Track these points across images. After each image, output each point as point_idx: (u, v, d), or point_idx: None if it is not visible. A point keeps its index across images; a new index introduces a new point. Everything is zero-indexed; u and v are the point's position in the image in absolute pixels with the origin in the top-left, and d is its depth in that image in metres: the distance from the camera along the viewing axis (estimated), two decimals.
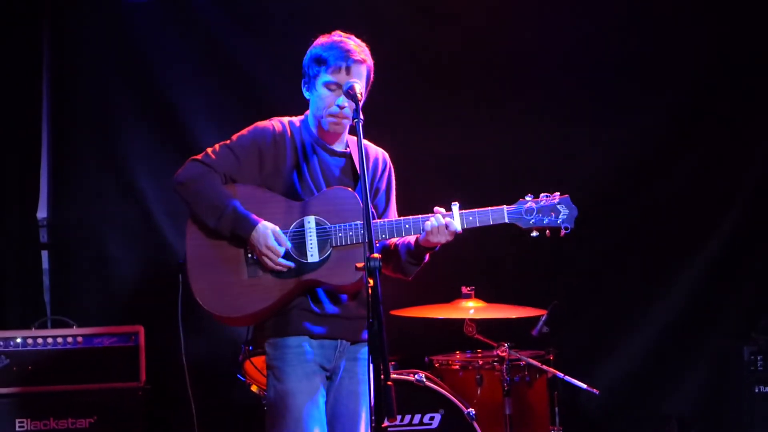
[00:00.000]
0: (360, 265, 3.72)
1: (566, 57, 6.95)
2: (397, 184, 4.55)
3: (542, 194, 4.29)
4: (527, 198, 4.28)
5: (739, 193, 6.98)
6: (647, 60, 6.95)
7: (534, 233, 4.27)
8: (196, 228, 4.29)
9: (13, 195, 6.76)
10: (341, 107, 4.25)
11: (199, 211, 4.25)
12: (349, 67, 4.24)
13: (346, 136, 4.43)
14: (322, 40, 4.34)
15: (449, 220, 4.19)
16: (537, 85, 6.94)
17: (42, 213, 6.85)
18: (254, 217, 4.19)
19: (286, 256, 4.20)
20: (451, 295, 6.00)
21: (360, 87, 4.18)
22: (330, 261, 4.20)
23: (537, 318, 5.92)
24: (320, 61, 4.28)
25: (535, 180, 6.61)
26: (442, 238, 4.21)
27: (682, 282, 6.99)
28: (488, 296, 6.00)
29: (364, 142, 4.37)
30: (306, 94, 4.38)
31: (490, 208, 4.24)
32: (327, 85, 4.27)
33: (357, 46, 4.29)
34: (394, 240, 4.40)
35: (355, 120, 4.02)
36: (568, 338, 6.49)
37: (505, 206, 4.26)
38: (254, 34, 6.91)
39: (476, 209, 4.23)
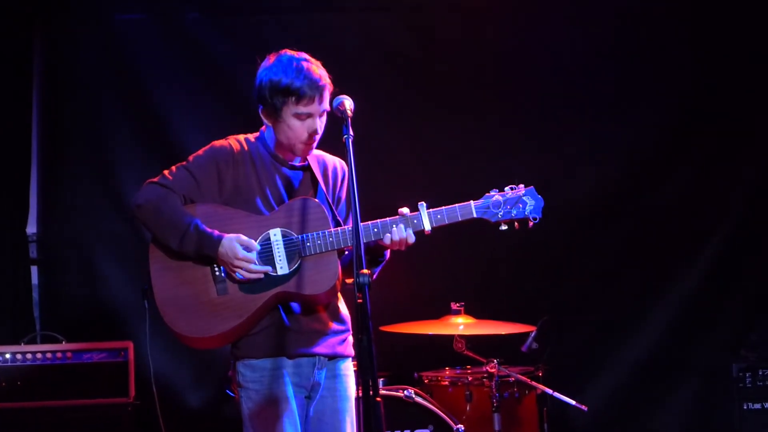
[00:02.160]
0: (350, 281, 3.70)
1: (560, 67, 6.97)
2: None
3: (507, 187, 4.27)
4: (492, 192, 4.25)
5: (729, 209, 6.99)
6: (641, 70, 6.97)
7: (503, 227, 4.22)
8: (159, 251, 4.19)
9: (2, 210, 6.76)
10: (316, 131, 4.18)
11: (160, 234, 4.15)
12: (321, 95, 4.15)
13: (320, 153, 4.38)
14: (279, 64, 4.22)
15: (410, 231, 4.12)
16: (530, 95, 6.95)
17: (31, 228, 6.85)
18: (216, 232, 4.09)
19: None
20: (440, 311, 6.01)
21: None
22: (300, 272, 4.11)
23: (526, 334, 5.93)
24: (287, 92, 4.13)
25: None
26: (402, 246, 4.15)
27: (670, 299, 6.99)
28: (478, 312, 6.01)
29: (321, 153, 4.36)
30: (265, 120, 4.25)
31: (457, 204, 4.19)
32: (298, 116, 4.16)
33: (318, 69, 4.19)
34: None
35: (345, 136, 3.95)
36: (557, 354, 6.49)
37: (471, 201, 4.20)
38: (246, 49, 6.90)
39: (443, 207, 4.18)
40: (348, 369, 4.31)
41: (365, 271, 3.62)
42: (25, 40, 6.83)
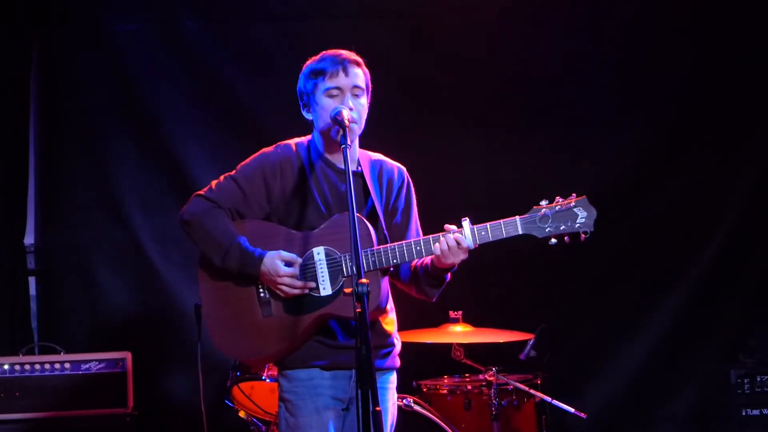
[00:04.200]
0: (348, 290, 3.67)
1: (557, 77, 6.98)
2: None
3: (557, 198, 4.11)
4: (542, 204, 4.09)
5: (726, 216, 6.99)
6: (637, 76, 6.97)
7: (552, 241, 4.06)
8: (207, 269, 4.18)
9: (0, 221, 6.76)
10: (350, 108, 4.12)
11: (204, 250, 4.15)
12: (345, 68, 4.15)
13: (358, 152, 4.27)
14: (311, 60, 4.26)
15: (459, 236, 4.00)
16: (527, 105, 6.95)
17: (29, 239, 6.85)
18: (259, 251, 4.06)
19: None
20: (438, 320, 6.00)
21: (363, 108, 4.13)
22: (343, 293, 4.03)
23: (524, 342, 5.92)
24: (315, 73, 4.17)
25: (522, 205, 6.70)
26: (457, 258, 4.03)
27: (669, 305, 6.99)
28: (476, 320, 6.00)
29: (379, 157, 4.33)
30: (308, 116, 4.24)
31: (502, 220, 4.04)
32: (328, 92, 4.14)
33: (346, 52, 4.20)
34: (415, 261, 4.24)
35: (343, 146, 3.92)
36: (555, 362, 6.49)
37: (517, 217, 4.06)
38: (245, 61, 6.93)
39: (488, 222, 4.04)
40: (387, 382, 4.26)
41: (364, 280, 3.61)
42: (23, 51, 6.83)
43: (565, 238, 4.07)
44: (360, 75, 4.20)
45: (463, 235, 4.02)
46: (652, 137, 7.01)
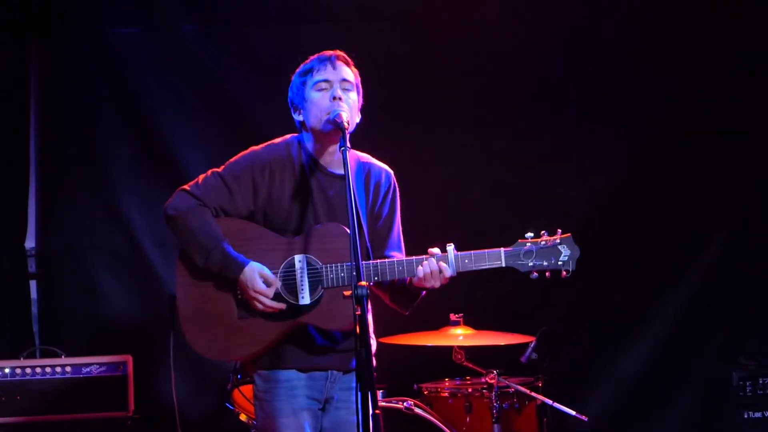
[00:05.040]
0: (348, 293, 3.67)
1: (553, 81, 6.98)
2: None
3: (543, 233, 4.10)
4: (526, 237, 4.09)
5: (726, 217, 6.99)
6: (637, 80, 6.98)
7: (534, 275, 4.09)
8: (186, 264, 4.16)
9: (0, 224, 6.76)
10: (338, 98, 4.10)
11: (186, 248, 4.14)
12: (333, 62, 4.16)
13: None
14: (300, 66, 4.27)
15: (443, 264, 4.03)
16: (524, 110, 6.96)
17: (30, 242, 6.86)
18: (242, 258, 4.06)
19: (277, 297, 4.06)
20: (439, 323, 6.00)
21: (353, 103, 4.13)
22: (322, 303, 4.04)
23: (525, 345, 5.93)
24: (304, 73, 4.19)
25: (521, 207, 6.72)
26: (436, 283, 4.06)
27: (669, 307, 6.99)
28: (477, 323, 6.00)
29: (368, 158, 4.31)
30: (298, 118, 4.23)
31: (486, 250, 4.05)
32: (316, 85, 4.15)
33: (338, 52, 4.21)
34: None
35: (342, 148, 3.89)
36: (556, 365, 6.49)
37: (502, 249, 4.06)
38: (244, 64, 6.94)
39: (472, 251, 4.05)
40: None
41: (363, 283, 3.61)
42: (22, 55, 6.84)
43: (547, 273, 4.09)
44: (348, 71, 4.20)
45: (446, 261, 4.04)
46: (653, 137, 7.01)
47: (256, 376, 4.22)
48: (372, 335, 4.32)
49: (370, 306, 4.29)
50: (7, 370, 6.00)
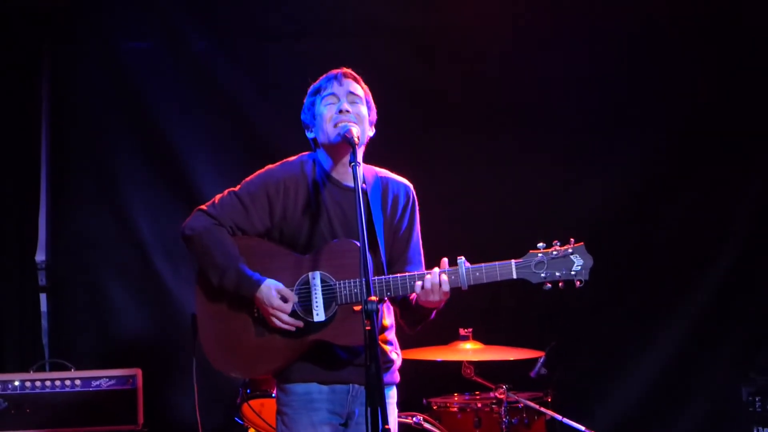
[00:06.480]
0: (358, 308, 3.67)
1: (563, 96, 6.99)
2: None
3: (555, 243, 4.06)
4: (538, 247, 4.05)
5: (736, 230, 6.97)
6: (645, 94, 6.98)
7: (547, 286, 4.05)
8: (204, 283, 4.20)
9: (11, 238, 6.79)
10: (345, 110, 4.16)
11: (203, 268, 4.18)
12: (339, 78, 4.23)
13: (362, 168, 4.20)
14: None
15: (444, 278, 4.01)
16: (534, 123, 6.97)
17: (40, 256, 6.88)
18: (257, 276, 4.09)
19: (293, 314, 4.08)
20: (448, 337, 6.00)
21: (362, 116, 4.17)
22: (336, 320, 4.06)
23: (535, 360, 5.91)
24: (314, 92, 4.28)
25: (532, 218, 6.71)
26: (436, 297, 4.04)
27: (679, 322, 6.96)
28: (486, 338, 6.00)
29: (386, 173, 4.33)
30: (311, 135, 4.28)
31: (497, 262, 4.02)
32: (324, 100, 4.22)
33: (346, 69, 4.28)
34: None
35: (352, 164, 3.92)
36: (566, 380, 6.47)
37: (513, 261, 4.03)
38: (255, 79, 6.96)
39: (483, 264, 4.03)
40: (386, 397, 4.18)
41: (373, 298, 3.63)
42: (33, 73, 6.88)
43: (560, 284, 4.05)
44: (356, 86, 4.27)
45: (457, 274, 4.02)
46: (665, 147, 6.99)
47: (277, 389, 4.26)
48: (397, 348, 4.33)
49: (392, 321, 4.31)
50: (17, 383, 6.00)
